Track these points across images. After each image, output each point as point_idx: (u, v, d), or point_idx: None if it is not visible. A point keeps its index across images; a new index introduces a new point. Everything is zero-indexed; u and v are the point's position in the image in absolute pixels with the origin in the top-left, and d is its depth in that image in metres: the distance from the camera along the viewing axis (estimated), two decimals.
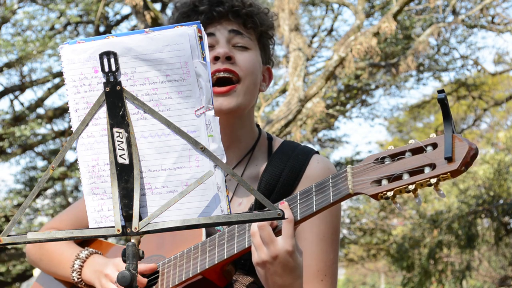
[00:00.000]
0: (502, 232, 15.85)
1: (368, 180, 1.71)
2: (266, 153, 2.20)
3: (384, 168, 1.69)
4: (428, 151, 1.66)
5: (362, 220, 19.71)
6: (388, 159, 1.70)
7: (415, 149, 1.68)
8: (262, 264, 1.80)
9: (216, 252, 1.93)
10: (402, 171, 1.67)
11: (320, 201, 1.77)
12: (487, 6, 13.13)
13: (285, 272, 1.80)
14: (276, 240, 1.78)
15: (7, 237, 1.58)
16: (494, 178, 15.08)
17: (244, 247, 1.88)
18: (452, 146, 1.62)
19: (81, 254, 2.18)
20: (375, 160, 1.72)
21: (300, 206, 1.81)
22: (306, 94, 10.13)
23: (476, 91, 16.17)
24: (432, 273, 16.23)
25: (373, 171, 1.71)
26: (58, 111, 14.25)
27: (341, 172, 1.76)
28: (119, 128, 1.56)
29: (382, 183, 1.69)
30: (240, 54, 2.12)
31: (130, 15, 14.21)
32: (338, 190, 1.75)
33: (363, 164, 1.73)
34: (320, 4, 14.64)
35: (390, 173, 1.68)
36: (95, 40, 1.57)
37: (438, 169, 1.63)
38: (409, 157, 1.68)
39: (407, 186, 1.66)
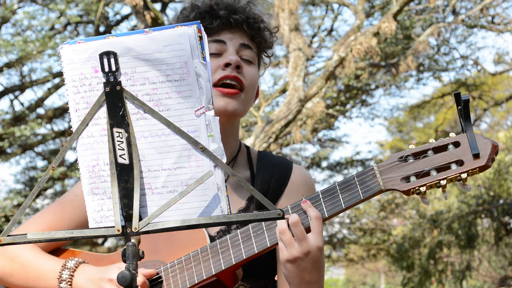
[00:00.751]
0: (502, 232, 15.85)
1: (397, 177, 1.83)
2: (246, 162, 2.27)
3: (411, 166, 1.82)
4: (450, 149, 1.79)
5: (362, 220, 19.71)
6: (411, 157, 1.83)
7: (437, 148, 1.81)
8: (293, 261, 1.84)
9: (232, 253, 1.95)
10: (430, 167, 1.80)
11: (348, 198, 1.86)
12: (487, 6, 13.13)
13: (314, 268, 1.85)
14: (308, 236, 1.84)
15: (7, 237, 1.58)
16: (494, 178, 15.08)
17: (265, 247, 1.92)
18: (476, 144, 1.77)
19: (68, 264, 2.14)
20: (399, 159, 1.83)
21: (325, 204, 1.88)
22: (306, 94, 10.13)
23: (476, 91, 16.17)
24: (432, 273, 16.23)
25: (400, 169, 1.83)
26: (58, 111, 14.25)
27: (367, 171, 1.86)
28: (119, 128, 1.56)
29: (411, 180, 1.82)
30: (247, 66, 2.19)
31: (130, 15, 14.21)
32: (368, 187, 1.85)
33: (388, 163, 1.84)
34: (320, 4, 14.64)
35: (418, 170, 1.81)
36: (95, 40, 1.57)
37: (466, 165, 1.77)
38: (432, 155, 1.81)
39: (439, 182, 1.79)
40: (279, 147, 14.26)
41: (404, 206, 19.16)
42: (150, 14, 9.99)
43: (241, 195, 2.19)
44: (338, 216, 19.67)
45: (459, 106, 1.77)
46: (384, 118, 18.82)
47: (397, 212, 19.39)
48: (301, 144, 17.03)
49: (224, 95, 2.12)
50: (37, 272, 2.18)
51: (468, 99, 1.76)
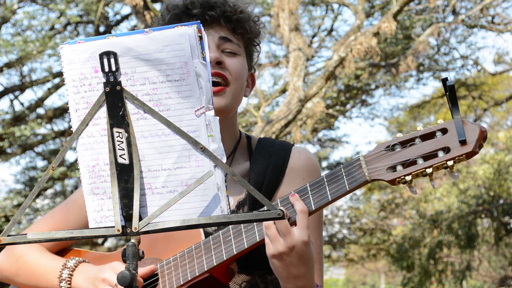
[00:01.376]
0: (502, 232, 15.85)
1: (383, 167, 1.79)
2: (246, 153, 2.25)
3: (397, 155, 1.78)
4: (438, 136, 1.74)
5: (362, 220, 19.71)
6: (399, 146, 1.78)
7: (424, 135, 1.77)
8: (279, 256, 1.83)
9: (223, 249, 1.94)
10: (417, 156, 1.75)
11: (335, 190, 1.84)
12: (487, 6, 13.13)
13: (301, 262, 1.83)
14: (292, 231, 1.82)
15: (7, 237, 1.58)
16: (494, 178, 15.09)
17: (254, 241, 1.91)
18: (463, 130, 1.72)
19: (68, 263, 2.15)
20: (386, 148, 1.80)
21: (313, 196, 1.86)
22: (306, 94, 10.13)
23: (476, 91, 16.17)
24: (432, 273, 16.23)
25: (386, 158, 1.79)
26: (58, 111, 14.25)
27: (353, 161, 1.83)
28: (119, 128, 1.56)
29: (397, 169, 1.77)
30: (229, 59, 2.16)
31: (130, 15, 14.21)
32: (353, 178, 1.82)
33: (374, 152, 1.81)
34: (320, 4, 14.64)
35: (404, 159, 1.77)
36: (95, 40, 1.57)
37: (453, 152, 1.72)
38: (419, 143, 1.76)
39: (424, 170, 1.74)
40: None
41: (404, 206, 19.16)
42: (150, 14, 10.00)
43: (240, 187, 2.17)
44: (338, 216, 19.67)
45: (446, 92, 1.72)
46: (384, 118, 18.82)
47: (397, 212, 19.39)
48: (301, 144, 17.03)
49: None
50: (40, 271, 2.20)
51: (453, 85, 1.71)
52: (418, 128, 1.78)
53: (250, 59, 2.27)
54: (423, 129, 1.77)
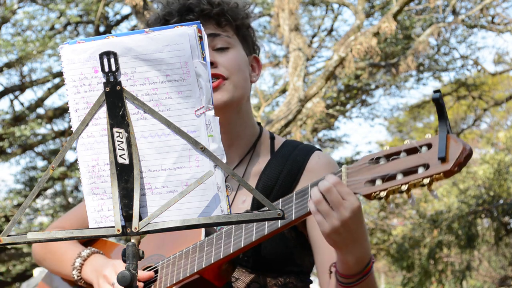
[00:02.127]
0: (502, 232, 15.85)
1: (362, 180, 1.71)
2: (268, 151, 2.19)
3: (379, 168, 1.70)
4: (422, 151, 1.65)
5: None
6: (383, 159, 1.70)
7: (410, 149, 1.68)
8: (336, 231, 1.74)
9: (213, 251, 1.91)
10: (396, 171, 1.67)
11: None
12: (487, 6, 13.13)
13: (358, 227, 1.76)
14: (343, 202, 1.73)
15: (7, 237, 1.58)
16: (494, 178, 15.09)
17: (239, 247, 1.87)
18: (447, 147, 1.62)
19: (82, 252, 2.18)
20: (370, 160, 1.72)
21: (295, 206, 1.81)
22: (306, 94, 10.13)
23: (476, 91, 16.17)
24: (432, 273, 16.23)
25: (368, 171, 1.71)
26: (58, 111, 14.25)
27: (336, 172, 1.76)
28: (119, 128, 1.56)
29: (376, 183, 1.69)
30: (221, 56, 2.10)
31: (130, 15, 14.21)
32: None
33: (358, 164, 1.73)
34: (320, 4, 14.64)
35: (384, 173, 1.68)
36: (95, 40, 1.57)
37: (431, 169, 1.63)
38: (403, 157, 1.68)
39: (400, 187, 1.66)
40: None
41: (404, 206, 19.15)
42: (150, 14, 9.99)
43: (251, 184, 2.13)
44: None
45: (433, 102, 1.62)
46: (384, 118, 18.83)
47: (397, 212, 19.39)
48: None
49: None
50: (61, 257, 2.25)
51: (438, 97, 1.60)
52: (405, 142, 1.71)
53: (246, 43, 2.21)
54: (409, 143, 1.69)
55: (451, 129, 1.65)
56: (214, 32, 2.12)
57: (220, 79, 2.08)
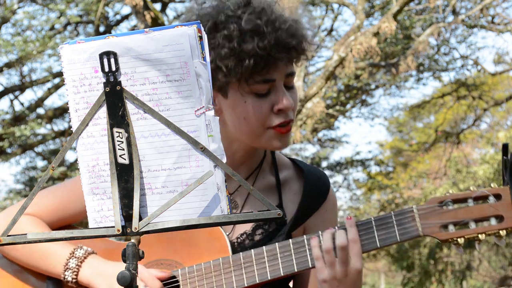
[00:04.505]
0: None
1: (436, 224, 1.83)
2: (271, 166, 2.20)
3: (450, 214, 1.83)
4: (491, 201, 1.80)
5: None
6: (451, 203, 1.83)
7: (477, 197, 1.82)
8: (331, 281, 1.85)
9: (255, 270, 1.93)
10: (469, 219, 1.81)
11: (384, 237, 1.86)
12: (487, 6, 13.13)
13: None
14: (350, 259, 1.84)
15: (7, 237, 1.58)
16: (494, 178, 15.08)
17: (292, 271, 1.90)
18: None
19: (76, 252, 2.10)
20: (439, 204, 1.84)
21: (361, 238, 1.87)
22: (306, 94, 10.13)
23: (476, 91, 16.17)
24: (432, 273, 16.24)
25: (439, 215, 1.83)
26: (58, 111, 14.26)
27: (406, 211, 1.86)
28: (119, 128, 1.56)
29: (449, 229, 1.83)
30: (292, 94, 2.05)
31: (130, 15, 14.21)
32: (405, 230, 1.85)
33: (428, 206, 1.84)
34: (320, 4, 14.64)
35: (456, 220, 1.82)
36: (95, 40, 1.56)
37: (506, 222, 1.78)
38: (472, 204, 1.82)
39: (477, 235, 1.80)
40: None
41: (404, 206, 19.15)
42: (150, 14, 10.00)
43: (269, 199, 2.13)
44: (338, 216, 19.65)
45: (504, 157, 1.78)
46: (384, 118, 18.84)
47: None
48: (301, 144, 17.04)
49: (281, 135, 2.01)
50: (43, 253, 2.13)
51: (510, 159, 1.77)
52: (472, 188, 1.84)
53: None
54: (477, 191, 1.82)
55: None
56: (293, 70, 2.04)
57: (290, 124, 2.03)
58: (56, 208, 2.19)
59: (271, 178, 2.17)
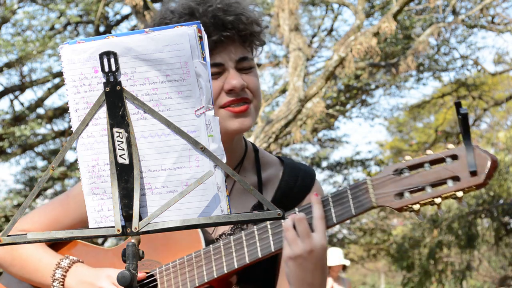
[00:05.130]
0: (502, 232, 15.86)
1: (390, 193, 1.73)
2: (253, 164, 2.19)
3: (405, 181, 1.72)
4: (448, 163, 1.69)
5: (362, 220, 19.71)
6: (407, 170, 1.72)
7: (434, 161, 1.71)
8: (295, 259, 1.81)
9: (224, 261, 1.93)
10: (425, 183, 1.69)
11: (340, 213, 1.81)
12: (487, 6, 13.13)
13: (317, 269, 1.81)
14: (312, 234, 1.80)
15: (7, 237, 1.58)
16: (494, 178, 15.08)
17: (256, 257, 1.89)
18: (474, 159, 1.65)
19: (62, 263, 2.13)
20: (394, 172, 1.74)
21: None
22: (306, 94, 10.13)
23: (476, 91, 16.18)
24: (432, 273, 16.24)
25: (394, 184, 1.73)
26: (58, 111, 14.26)
27: (360, 184, 1.78)
28: (119, 128, 1.56)
29: (405, 196, 1.72)
30: (248, 77, 2.06)
31: (130, 15, 14.21)
32: (360, 203, 1.78)
33: (381, 176, 1.75)
34: (320, 4, 14.64)
35: (411, 186, 1.71)
36: (95, 40, 1.56)
37: (463, 183, 1.66)
38: (428, 169, 1.70)
39: (433, 200, 1.69)
40: (279, 147, 14.25)
41: None
42: (150, 14, 9.99)
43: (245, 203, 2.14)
44: None
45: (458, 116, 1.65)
46: (384, 118, 18.84)
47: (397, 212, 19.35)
48: (301, 144, 17.04)
49: (235, 115, 2.01)
50: (34, 266, 2.17)
51: (467, 113, 1.64)
52: (428, 152, 1.73)
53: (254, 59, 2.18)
54: (433, 154, 1.72)
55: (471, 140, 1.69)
56: (246, 55, 2.06)
57: (247, 104, 2.04)
58: (50, 223, 2.23)
59: (253, 177, 2.16)
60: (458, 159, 1.68)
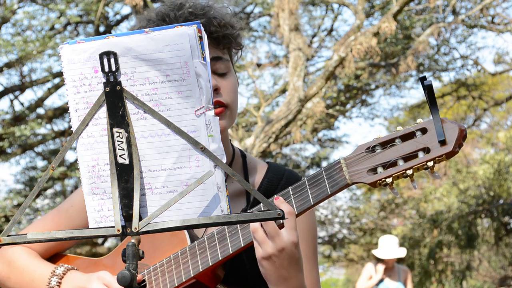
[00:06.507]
0: (502, 232, 15.86)
1: (363, 170, 1.76)
2: (241, 170, 2.20)
3: (378, 157, 1.75)
4: (418, 137, 1.72)
5: (362, 220, 19.72)
6: (379, 147, 1.76)
7: (404, 136, 1.74)
8: (268, 258, 1.81)
9: (208, 254, 1.94)
10: (396, 157, 1.73)
11: (316, 194, 1.82)
12: (487, 6, 13.13)
13: (291, 264, 1.82)
14: (281, 232, 1.80)
15: (7, 237, 1.58)
16: (494, 178, 15.09)
17: (239, 247, 1.90)
18: (443, 129, 1.69)
19: (57, 270, 2.15)
20: (367, 149, 1.77)
21: (295, 200, 1.84)
22: (306, 94, 10.13)
23: (476, 91, 16.17)
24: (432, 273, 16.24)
25: (367, 160, 1.76)
26: (58, 111, 14.25)
27: (334, 164, 1.80)
28: (119, 128, 1.56)
29: (378, 171, 1.75)
30: (223, 80, 2.06)
31: (130, 15, 14.21)
32: (334, 182, 1.79)
33: (355, 155, 1.78)
34: (320, 4, 14.64)
35: (385, 161, 1.74)
36: (95, 40, 1.56)
37: (433, 153, 1.70)
38: (399, 143, 1.74)
39: (405, 172, 1.72)
40: (279, 147, 14.26)
41: (404, 206, 19.16)
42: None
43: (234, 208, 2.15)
44: (338, 216, 19.67)
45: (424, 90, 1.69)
46: (384, 118, 18.83)
47: (397, 212, 19.39)
48: (301, 144, 17.04)
49: None
50: (30, 277, 2.19)
51: (430, 85, 1.68)
52: (398, 128, 1.76)
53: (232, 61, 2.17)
54: (402, 129, 1.75)
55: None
56: (218, 55, 2.06)
57: (222, 107, 2.04)
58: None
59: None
60: (427, 132, 1.72)
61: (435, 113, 1.69)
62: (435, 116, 1.70)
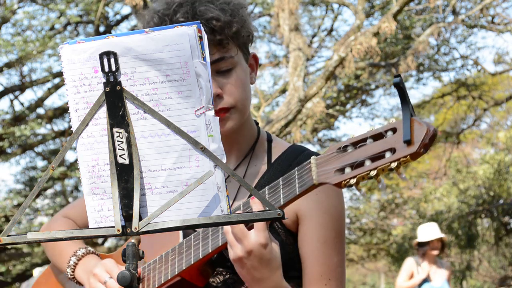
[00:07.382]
0: (502, 232, 15.86)
1: (331, 170, 1.71)
2: (265, 154, 2.16)
3: (347, 156, 1.71)
4: (388, 136, 1.67)
5: (362, 220, 19.72)
6: (351, 147, 1.71)
7: (376, 135, 1.69)
8: (239, 260, 1.81)
9: (192, 252, 1.95)
10: (364, 157, 1.68)
11: (286, 194, 1.79)
12: (487, 6, 13.13)
13: (262, 265, 1.80)
14: (249, 234, 1.78)
15: (7, 237, 1.58)
16: (494, 178, 15.09)
17: (217, 246, 1.90)
18: (411, 129, 1.63)
19: (78, 251, 2.19)
20: (338, 149, 1.73)
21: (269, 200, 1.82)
22: (306, 94, 10.13)
23: (476, 91, 16.17)
24: None
25: (336, 160, 1.72)
26: (58, 111, 14.26)
27: (305, 164, 1.77)
28: (119, 128, 1.56)
29: (345, 171, 1.70)
30: (226, 79, 2.01)
31: (130, 15, 14.21)
32: (303, 182, 1.76)
33: (326, 154, 1.74)
34: (320, 4, 14.64)
35: (352, 161, 1.69)
36: (95, 40, 1.57)
37: (398, 153, 1.64)
38: (370, 143, 1.69)
39: (369, 172, 1.67)
40: None
41: (404, 206, 19.15)
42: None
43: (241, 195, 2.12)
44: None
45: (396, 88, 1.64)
46: (384, 118, 18.81)
47: (397, 212, 19.38)
48: (301, 144, 17.03)
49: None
50: (59, 251, 2.26)
51: (398, 82, 1.63)
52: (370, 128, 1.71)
53: (245, 49, 2.09)
54: (374, 129, 1.70)
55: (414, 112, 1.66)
56: (221, 55, 1.99)
57: (224, 112, 2.00)
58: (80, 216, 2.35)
59: (264, 166, 2.13)
60: (396, 131, 1.66)
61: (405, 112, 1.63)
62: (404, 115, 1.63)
